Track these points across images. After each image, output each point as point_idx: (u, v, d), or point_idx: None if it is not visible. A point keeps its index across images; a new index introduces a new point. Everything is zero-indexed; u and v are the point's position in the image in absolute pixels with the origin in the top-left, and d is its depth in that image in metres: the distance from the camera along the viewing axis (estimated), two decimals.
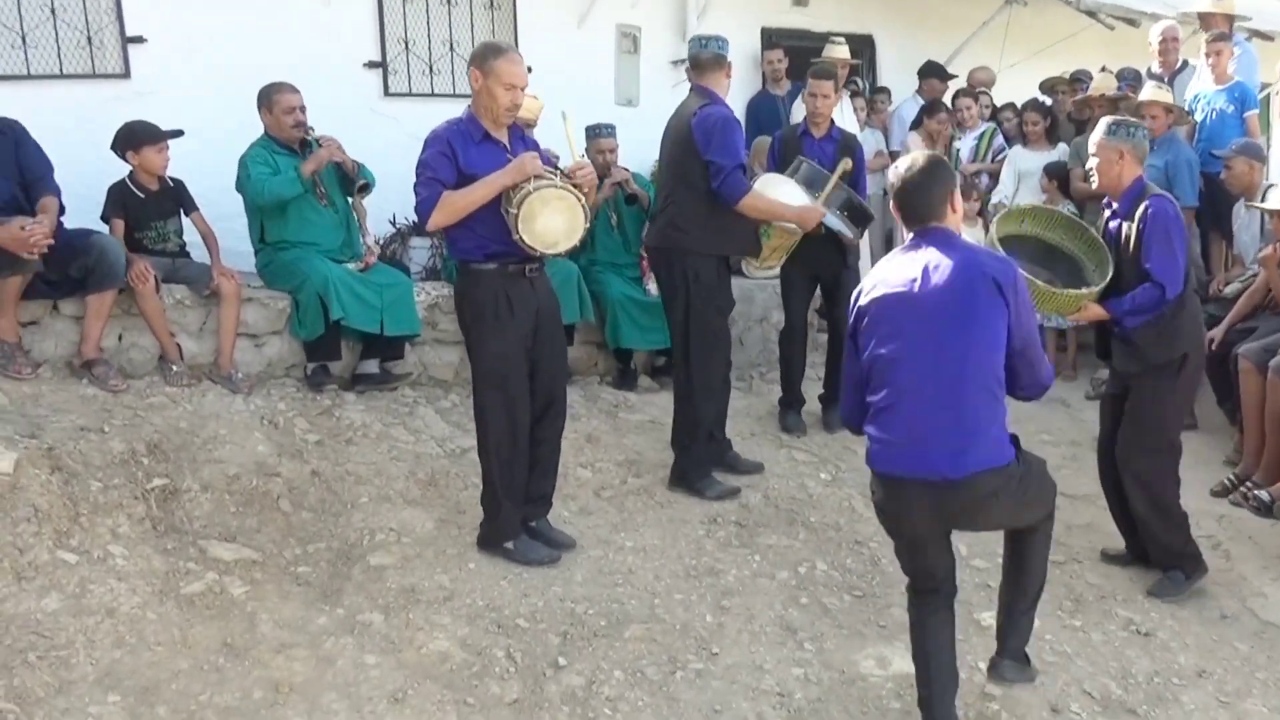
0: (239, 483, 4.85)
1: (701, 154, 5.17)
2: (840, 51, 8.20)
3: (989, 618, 4.44)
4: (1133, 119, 4.83)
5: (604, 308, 6.68)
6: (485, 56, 4.33)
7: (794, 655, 4.13)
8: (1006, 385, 3.37)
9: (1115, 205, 4.64)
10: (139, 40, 6.63)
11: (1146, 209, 4.48)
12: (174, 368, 5.60)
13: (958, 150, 8.53)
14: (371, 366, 6.11)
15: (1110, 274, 4.53)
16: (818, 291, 6.54)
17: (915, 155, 3.51)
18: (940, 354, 3.26)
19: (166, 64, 6.67)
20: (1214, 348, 6.05)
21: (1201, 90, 7.41)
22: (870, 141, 8.46)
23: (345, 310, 5.74)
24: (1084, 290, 4.52)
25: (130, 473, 4.67)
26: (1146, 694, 4.06)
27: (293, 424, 5.44)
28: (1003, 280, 3.27)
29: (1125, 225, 4.56)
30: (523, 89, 4.39)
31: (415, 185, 4.38)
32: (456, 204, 4.30)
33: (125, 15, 6.59)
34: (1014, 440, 3.40)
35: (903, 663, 4.05)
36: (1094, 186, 4.81)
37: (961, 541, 5.16)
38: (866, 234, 7.73)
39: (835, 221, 5.82)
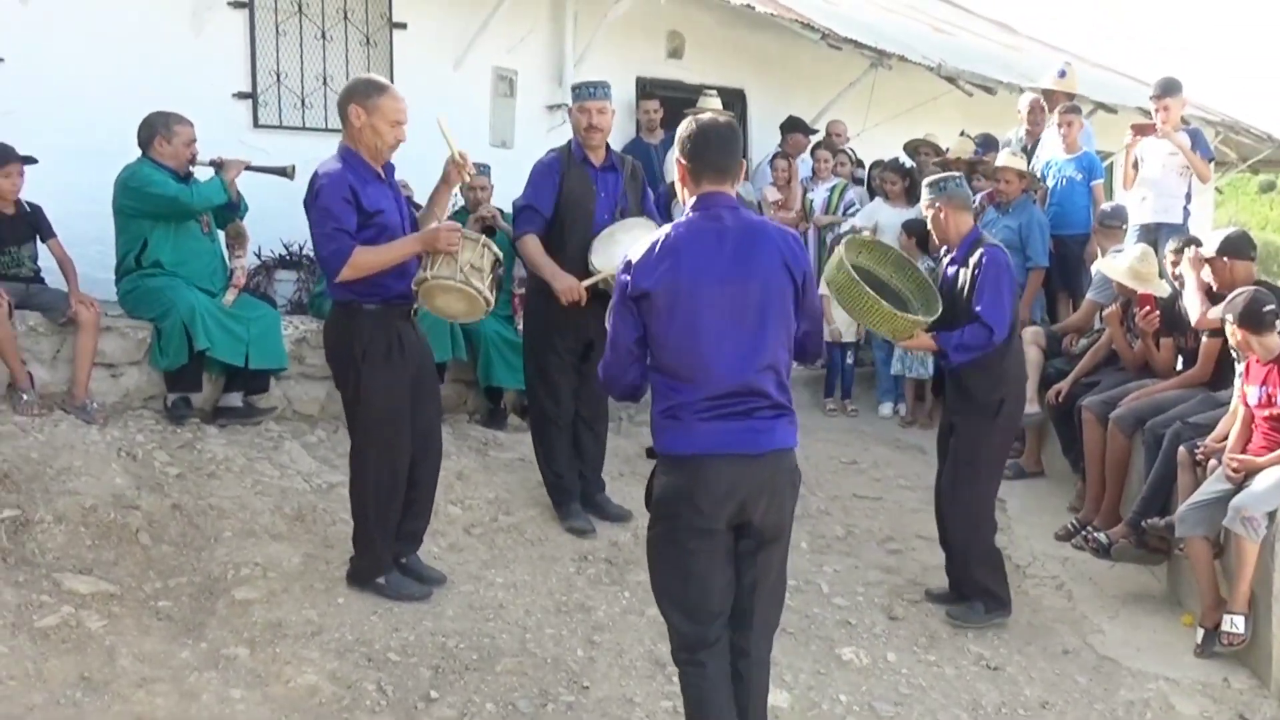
0: (95, 515, 4.69)
1: None
2: (713, 103, 8.42)
3: (849, 653, 4.60)
4: (948, 174, 5.28)
5: (476, 345, 6.68)
6: (368, 93, 4.30)
7: (663, 689, 4.18)
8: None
9: (952, 255, 4.97)
10: None
11: (981, 256, 4.80)
12: (24, 396, 5.37)
13: (811, 201, 8.84)
14: (235, 400, 5.98)
15: (939, 310, 4.80)
16: None
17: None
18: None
19: (24, 85, 6.43)
20: (1060, 400, 6.41)
21: (1053, 158, 7.86)
22: (745, 194, 8.69)
23: (211, 341, 5.62)
24: (919, 318, 4.78)
25: None
26: None
27: (152, 456, 5.28)
28: (797, 263, 3.17)
29: (961, 271, 4.88)
30: (404, 125, 4.40)
31: (317, 233, 4.26)
32: (369, 263, 4.25)
33: None
34: None
35: (773, 696, 4.14)
36: (935, 240, 5.16)
37: (823, 579, 5.34)
38: None
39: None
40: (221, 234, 6.22)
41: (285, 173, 5.92)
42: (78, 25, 6.61)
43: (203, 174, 5.93)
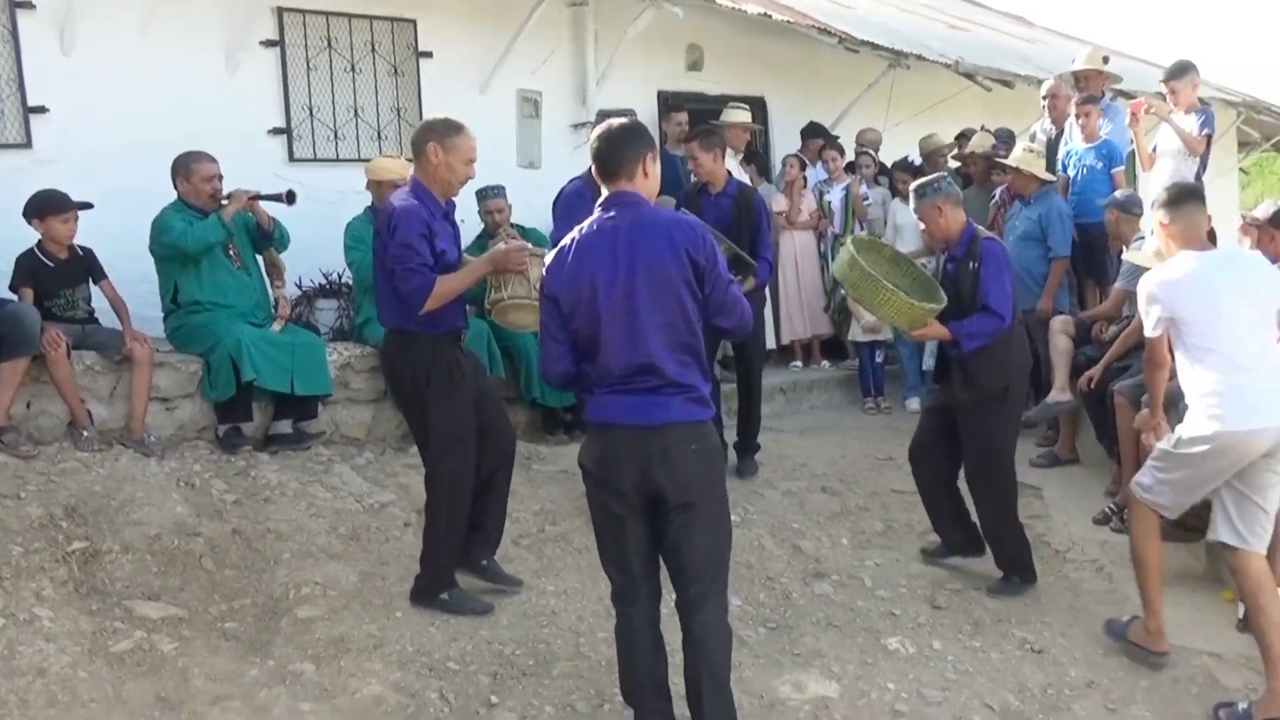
0: (160, 543, 4.88)
1: None
2: (739, 115, 8.37)
3: (895, 642, 4.70)
4: (935, 175, 5.49)
5: (517, 363, 6.84)
6: (446, 133, 4.46)
7: None
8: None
9: (950, 250, 5.23)
10: (41, 110, 6.66)
11: (981, 250, 5.08)
12: (84, 433, 5.58)
13: (829, 202, 8.91)
14: (284, 427, 6.17)
15: (944, 300, 5.04)
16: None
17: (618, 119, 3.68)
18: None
19: (69, 133, 6.70)
20: (1092, 386, 6.46)
21: (1073, 148, 7.93)
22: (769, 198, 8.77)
23: (257, 371, 5.81)
24: (932, 305, 5.00)
25: (50, 536, 4.68)
26: (1041, 704, 4.33)
27: (209, 485, 5.47)
28: (694, 250, 3.44)
29: (962, 266, 5.13)
30: (475, 163, 4.58)
31: (400, 269, 4.34)
32: (448, 292, 4.42)
33: (27, 86, 6.63)
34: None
35: (818, 686, 4.28)
36: (928, 243, 5.31)
37: (865, 573, 5.45)
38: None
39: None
40: (263, 262, 6.44)
41: (282, 199, 6.09)
42: (117, 72, 6.86)
43: None
